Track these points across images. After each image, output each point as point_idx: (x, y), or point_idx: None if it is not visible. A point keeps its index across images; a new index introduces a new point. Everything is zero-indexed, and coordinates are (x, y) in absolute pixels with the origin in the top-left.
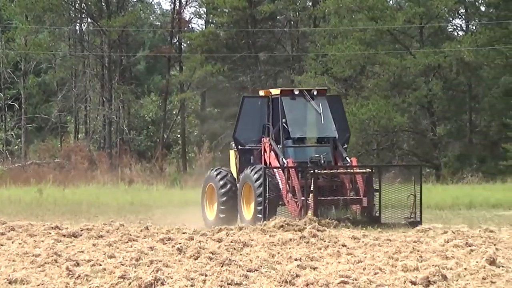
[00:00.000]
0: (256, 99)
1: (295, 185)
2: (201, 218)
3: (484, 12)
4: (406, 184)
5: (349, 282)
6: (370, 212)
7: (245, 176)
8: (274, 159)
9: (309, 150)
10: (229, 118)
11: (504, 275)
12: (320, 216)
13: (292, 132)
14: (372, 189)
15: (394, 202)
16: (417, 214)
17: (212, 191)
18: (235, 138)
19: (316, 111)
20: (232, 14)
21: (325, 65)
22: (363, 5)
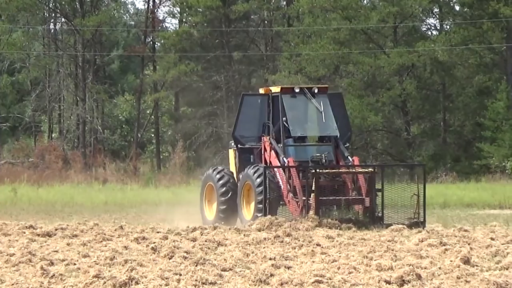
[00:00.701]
0: (255, 97)
1: (296, 185)
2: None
3: (458, 12)
4: (409, 184)
5: (323, 281)
6: (372, 213)
7: (245, 176)
8: (275, 158)
9: (310, 149)
10: (203, 117)
11: (478, 274)
12: (322, 216)
13: (293, 131)
14: (374, 189)
15: (397, 202)
16: (421, 214)
17: (211, 191)
18: (234, 136)
19: (317, 109)
20: (206, 13)
21: (299, 65)
22: (337, 4)
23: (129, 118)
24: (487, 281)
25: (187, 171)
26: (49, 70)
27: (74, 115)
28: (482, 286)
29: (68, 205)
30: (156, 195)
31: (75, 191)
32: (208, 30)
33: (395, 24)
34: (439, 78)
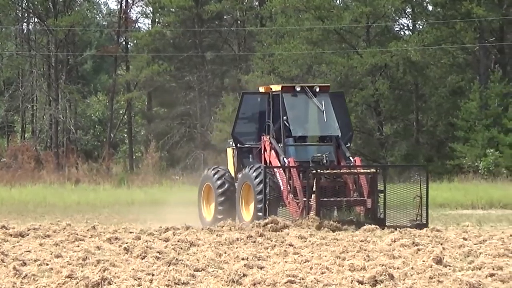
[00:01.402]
0: (255, 95)
1: (296, 186)
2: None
3: (431, 12)
4: (412, 185)
5: (296, 281)
6: (374, 214)
7: (245, 176)
8: (275, 158)
9: (311, 149)
10: (176, 117)
11: (451, 274)
12: (322, 218)
13: (294, 130)
14: (376, 190)
15: (399, 203)
16: (423, 216)
17: (209, 191)
18: (233, 136)
19: (319, 109)
20: (178, 13)
21: (272, 65)
22: (310, 4)
23: (102, 118)
24: (460, 281)
25: (160, 171)
26: (22, 70)
27: (47, 115)
28: (455, 286)
29: (40, 205)
30: (128, 195)
31: (48, 191)
32: (181, 30)
33: (368, 24)
34: (412, 78)
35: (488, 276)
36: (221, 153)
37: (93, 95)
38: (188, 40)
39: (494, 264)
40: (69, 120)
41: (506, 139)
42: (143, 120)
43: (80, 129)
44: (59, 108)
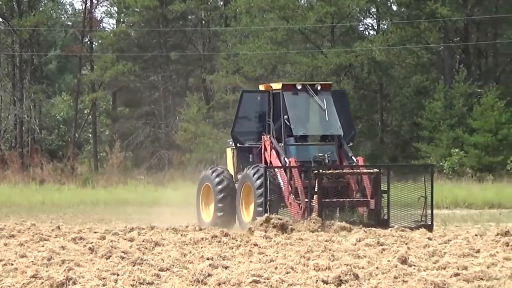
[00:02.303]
0: (255, 94)
1: (297, 186)
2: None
3: (395, 12)
4: (416, 186)
5: (261, 281)
6: (378, 215)
7: (245, 176)
8: (275, 158)
9: (312, 149)
10: (141, 117)
11: (415, 274)
12: (325, 219)
13: (295, 130)
14: (380, 191)
15: (403, 204)
16: (428, 217)
17: (208, 192)
18: (233, 135)
19: (320, 107)
20: (143, 13)
21: (236, 64)
22: (275, 4)
23: (66, 118)
24: (425, 280)
25: (125, 171)
26: None
27: (12, 115)
28: (420, 286)
29: (5, 205)
30: (93, 195)
31: (12, 191)
32: (146, 30)
33: (333, 24)
34: (376, 78)
35: (453, 275)
36: (186, 152)
37: (58, 95)
38: (153, 40)
39: (459, 263)
40: (34, 120)
41: (470, 139)
42: (107, 120)
43: (45, 129)
44: (24, 108)
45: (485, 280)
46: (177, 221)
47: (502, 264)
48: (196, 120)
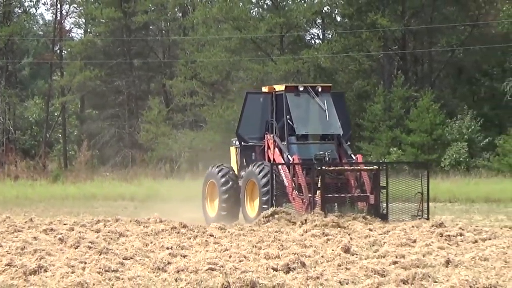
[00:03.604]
0: (259, 95)
1: (301, 182)
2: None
3: (339, 22)
4: (414, 181)
5: (216, 269)
6: (377, 210)
7: (249, 173)
8: (279, 156)
9: (313, 147)
10: (106, 119)
11: (357, 262)
12: (327, 213)
13: (297, 129)
14: (379, 187)
15: (402, 199)
16: (425, 211)
17: (213, 188)
18: (238, 134)
19: (321, 108)
20: (108, 24)
21: (194, 71)
22: (229, 15)
23: (38, 119)
24: (366, 268)
25: (92, 168)
26: None
27: None
28: (361, 273)
29: None
30: (63, 190)
31: None
32: (111, 39)
33: (282, 34)
34: (322, 82)
35: (391, 263)
36: (148, 151)
37: (30, 98)
38: (117, 48)
39: (397, 252)
40: (8, 122)
41: (408, 139)
42: (76, 121)
43: (19, 129)
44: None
45: (421, 268)
46: (139, 214)
47: (437, 253)
48: (157, 122)
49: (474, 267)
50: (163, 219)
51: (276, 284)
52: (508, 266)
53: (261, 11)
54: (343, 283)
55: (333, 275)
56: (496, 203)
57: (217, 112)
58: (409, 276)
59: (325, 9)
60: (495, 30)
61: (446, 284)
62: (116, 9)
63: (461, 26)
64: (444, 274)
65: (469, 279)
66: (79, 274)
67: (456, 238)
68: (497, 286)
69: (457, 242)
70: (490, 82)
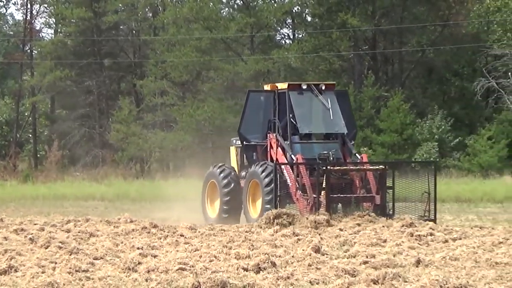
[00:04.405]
0: (261, 93)
1: (305, 182)
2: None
3: (309, 22)
4: (420, 181)
5: (186, 268)
6: (383, 210)
7: (252, 173)
8: (282, 155)
9: (316, 147)
10: (77, 119)
11: (328, 262)
12: (332, 214)
13: (301, 128)
14: (385, 187)
15: (408, 199)
16: (431, 212)
17: (214, 188)
18: (240, 133)
19: (325, 106)
20: (79, 24)
21: (164, 71)
22: (199, 15)
23: (8, 119)
24: (336, 268)
25: (62, 168)
26: None
27: None
28: (332, 273)
29: None
30: (33, 190)
31: None
32: (81, 39)
33: (252, 34)
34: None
35: (362, 263)
36: (118, 151)
37: (1, 98)
38: (88, 48)
39: (368, 252)
40: None
41: (378, 139)
42: (46, 121)
43: None
44: None
45: (392, 268)
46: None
47: (407, 252)
48: (127, 122)
49: (445, 266)
50: (134, 219)
51: (247, 284)
52: (479, 265)
53: (232, 11)
54: (314, 283)
55: (303, 275)
56: (466, 203)
57: (188, 112)
58: (379, 276)
59: (295, 9)
60: (465, 30)
61: (416, 284)
62: (87, 9)
63: (431, 26)
64: (415, 274)
65: (440, 279)
66: (50, 274)
67: (427, 238)
68: (468, 286)
69: (427, 242)
70: (461, 82)
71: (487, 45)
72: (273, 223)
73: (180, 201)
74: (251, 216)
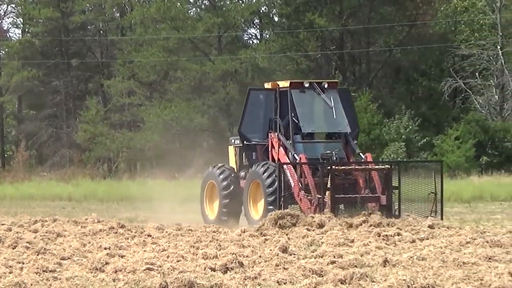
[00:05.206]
0: (262, 92)
1: (309, 183)
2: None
3: (277, 22)
4: (426, 181)
5: (154, 269)
6: (389, 211)
7: (253, 174)
8: (284, 155)
9: (319, 146)
10: (44, 119)
11: (295, 262)
12: (337, 215)
13: (303, 127)
14: (391, 187)
15: (414, 199)
16: (438, 212)
17: (213, 189)
18: (240, 133)
19: (327, 105)
20: (46, 24)
21: (132, 70)
22: (166, 15)
23: None
24: (304, 268)
25: (29, 168)
26: None
27: None
28: (299, 273)
29: None
30: (0, 190)
31: None
32: (49, 39)
33: (220, 34)
34: (259, 82)
35: (329, 263)
36: (85, 151)
37: None
38: (55, 48)
39: (335, 252)
40: None
41: None
42: (14, 122)
43: None
44: None
45: (359, 267)
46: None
47: (374, 252)
48: (94, 122)
49: (412, 266)
50: (101, 219)
51: (214, 284)
52: (446, 265)
53: (199, 11)
54: (281, 283)
55: (271, 275)
56: None
57: (155, 112)
58: (347, 276)
59: (262, 9)
60: (432, 30)
61: (384, 283)
62: (54, 9)
63: (399, 26)
64: (382, 274)
65: (407, 279)
66: (17, 275)
67: (394, 238)
68: (435, 286)
69: (394, 242)
70: (428, 82)
71: (454, 45)
72: (277, 224)
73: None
74: (253, 218)
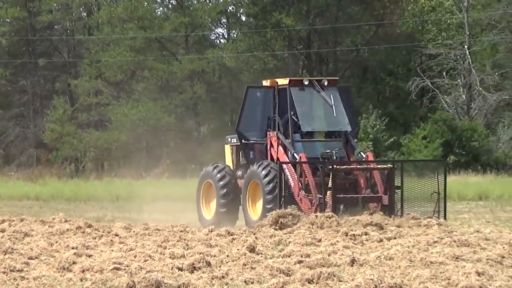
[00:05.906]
0: (260, 90)
1: (309, 182)
2: None
3: (244, 22)
4: (429, 181)
5: (121, 268)
6: (391, 211)
7: (252, 173)
8: (283, 154)
9: (319, 145)
10: (11, 118)
11: (263, 261)
12: (338, 215)
13: (303, 126)
14: (393, 186)
15: (416, 199)
16: (441, 212)
17: (209, 189)
18: (238, 131)
19: (327, 103)
20: (13, 23)
21: (99, 70)
22: (133, 15)
23: None
24: (271, 267)
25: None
26: None
27: None
28: (266, 272)
29: None
30: None
31: None
32: (16, 38)
33: (187, 33)
34: (227, 82)
35: (296, 262)
36: (53, 151)
37: None
38: (22, 48)
39: (302, 252)
40: None
41: None
42: None
43: None
44: None
45: (326, 267)
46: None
47: (342, 252)
48: (62, 121)
49: (379, 266)
50: (68, 218)
51: (181, 283)
52: (413, 265)
53: (166, 11)
54: (248, 282)
55: (238, 274)
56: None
57: (122, 112)
58: (314, 275)
59: (229, 9)
60: (400, 29)
61: (351, 283)
62: (21, 9)
63: (366, 26)
64: (349, 273)
65: (374, 278)
66: None
67: (361, 237)
68: (402, 285)
69: (362, 241)
70: (395, 81)
71: (421, 44)
72: (278, 223)
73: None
74: (251, 218)
